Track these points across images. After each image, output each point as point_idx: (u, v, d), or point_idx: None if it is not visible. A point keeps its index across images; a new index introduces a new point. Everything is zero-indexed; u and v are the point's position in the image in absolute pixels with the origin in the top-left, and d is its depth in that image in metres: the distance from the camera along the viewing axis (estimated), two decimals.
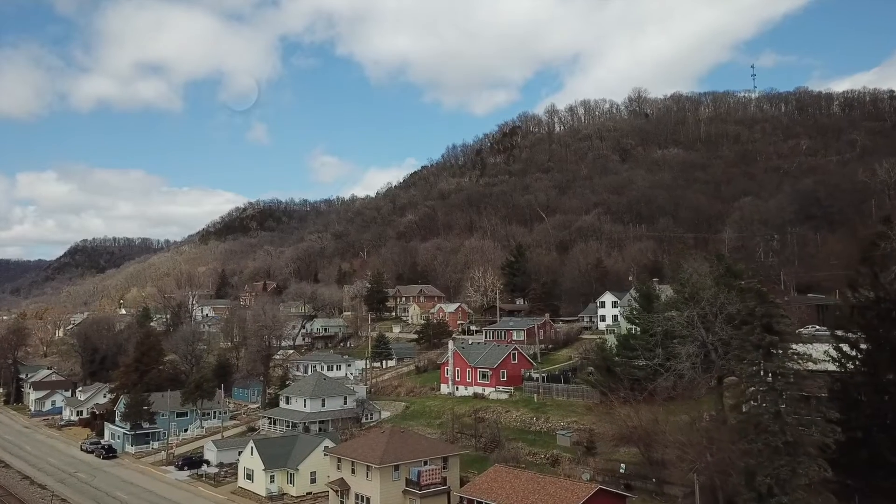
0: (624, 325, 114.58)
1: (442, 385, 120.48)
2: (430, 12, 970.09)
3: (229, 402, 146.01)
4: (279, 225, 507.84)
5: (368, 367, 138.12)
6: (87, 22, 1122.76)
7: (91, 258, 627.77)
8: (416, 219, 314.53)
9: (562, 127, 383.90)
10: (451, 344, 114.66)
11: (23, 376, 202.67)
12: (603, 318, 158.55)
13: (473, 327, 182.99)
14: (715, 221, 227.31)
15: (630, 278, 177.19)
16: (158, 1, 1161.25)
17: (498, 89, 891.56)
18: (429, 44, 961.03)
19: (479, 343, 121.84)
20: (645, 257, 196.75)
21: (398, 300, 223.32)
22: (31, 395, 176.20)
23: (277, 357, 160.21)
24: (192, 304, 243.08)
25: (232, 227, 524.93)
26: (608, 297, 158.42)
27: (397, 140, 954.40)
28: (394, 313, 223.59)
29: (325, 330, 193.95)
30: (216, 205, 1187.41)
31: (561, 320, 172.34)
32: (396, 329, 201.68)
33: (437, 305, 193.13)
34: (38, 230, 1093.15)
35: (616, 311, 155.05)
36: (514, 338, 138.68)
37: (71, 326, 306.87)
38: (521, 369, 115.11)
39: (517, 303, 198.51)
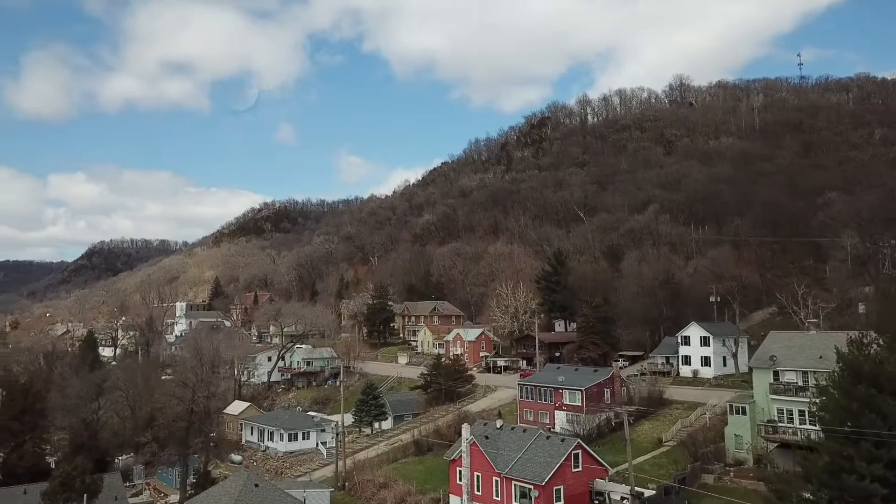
0: (766, 399, 61.49)
1: (452, 499, 67.80)
2: (457, 7, 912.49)
3: (145, 489, 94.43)
4: (294, 226, 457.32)
5: (341, 439, 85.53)
6: (114, 21, 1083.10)
7: (108, 260, 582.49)
8: (434, 219, 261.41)
9: (595, 118, 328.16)
10: (465, 433, 61.92)
11: None
12: (687, 361, 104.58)
13: (501, 362, 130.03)
14: (796, 222, 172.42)
15: (711, 299, 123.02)
16: None
17: (527, 86, 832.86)
18: (456, 40, 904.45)
19: (513, 429, 68.75)
20: (725, 269, 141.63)
21: (407, 320, 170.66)
22: None
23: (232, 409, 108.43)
24: (164, 321, 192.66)
25: (246, 228, 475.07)
26: (695, 331, 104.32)
27: (423, 139, 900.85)
28: (401, 336, 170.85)
29: (309, 363, 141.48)
30: (243, 205, 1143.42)
31: (621, 356, 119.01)
32: (402, 359, 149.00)
33: (454, 331, 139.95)
34: (70, 231, 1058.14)
35: (708, 352, 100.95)
36: (567, 401, 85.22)
37: (48, 340, 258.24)
38: (589, 481, 62.01)
39: (557, 327, 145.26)
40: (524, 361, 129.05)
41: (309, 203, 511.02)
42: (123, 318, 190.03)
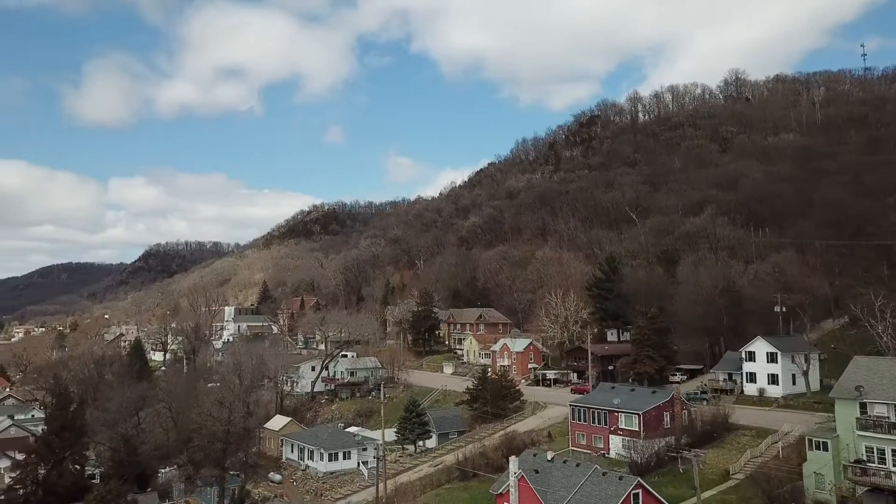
0: (851, 435, 54.32)
1: None
2: (506, 5, 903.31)
3: None
4: (343, 228, 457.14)
5: (382, 458, 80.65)
6: (171, 29, 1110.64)
7: (163, 262, 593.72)
8: (480, 221, 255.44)
9: (647, 115, 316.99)
10: (512, 466, 56.37)
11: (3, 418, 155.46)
12: (752, 378, 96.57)
13: (551, 374, 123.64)
14: (864, 224, 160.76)
15: (776, 309, 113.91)
16: (238, 5, 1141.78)
17: (576, 83, 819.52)
18: (505, 38, 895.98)
19: (565, 462, 62.65)
20: (789, 275, 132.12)
21: (452, 328, 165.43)
22: None
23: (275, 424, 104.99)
24: (211, 327, 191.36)
25: (295, 230, 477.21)
26: (760, 346, 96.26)
27: (471, 139, 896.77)
28: (447, 343, 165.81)
29: (353, 374, 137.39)
30: (293, 207, 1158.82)
31: (678, 370, 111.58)
32: (448, 369, 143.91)
33: (501, 341, 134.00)
34: (130, 233, 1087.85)
35: (776, 369, 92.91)
36: (623, 424, 78.59)
37: (103, 343, 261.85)
38: None
39: (610, 336, 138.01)
40: (575, 374, 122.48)
41: (357, 205, 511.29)
42: (173, 325, 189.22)
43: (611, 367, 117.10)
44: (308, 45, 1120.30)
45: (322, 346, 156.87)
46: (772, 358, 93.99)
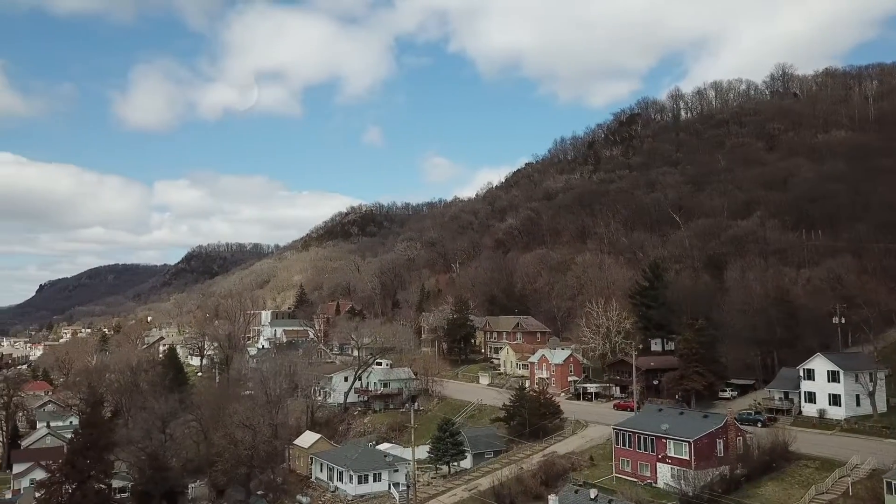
0: None
1: None
2: (546, 1, 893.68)
3: None
4: (380, 230, 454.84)
5: (412, 483, 75.76)
6: (214, 34, 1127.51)
7: (205, 264, 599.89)
8: (517, 223, 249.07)
9: (689, 113, 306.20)
10: None
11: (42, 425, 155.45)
12: (811, 398, 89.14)
13: (592, 388, 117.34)
14: None
15: (835, 320, 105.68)
16: (278, 9, 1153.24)
17: (616, 80, 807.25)
18: (544, 35, 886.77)
19: (610, 502, 56.89)
20: (847, 283, 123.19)
21: (489, 336, 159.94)
22: (14, 468, 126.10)
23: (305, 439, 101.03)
24: (245, 334, 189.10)
25: (333, 231, 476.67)
26: (820, 364, 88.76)
27: (509, 139, 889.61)
28: (483, 351, 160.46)
29: (386, 385, 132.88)
30: (333, 208, 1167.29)
31: (729, 385, 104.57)
32: (484, 380, 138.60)
33: (540, 352, 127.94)
34: (174, 235, 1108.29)
35: (838, 389, 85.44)
36: (671, 452, 72.23)
37: (143, 347, 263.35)
38: None
39: (654, 345, 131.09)
40: (618, 388, 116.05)
41: (394, 206, 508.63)
42: (207, 334, 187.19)
43: (656, 382, 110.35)
44: (347, 47, 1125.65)
45: (357, 353, 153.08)
46: (833, 377, 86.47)
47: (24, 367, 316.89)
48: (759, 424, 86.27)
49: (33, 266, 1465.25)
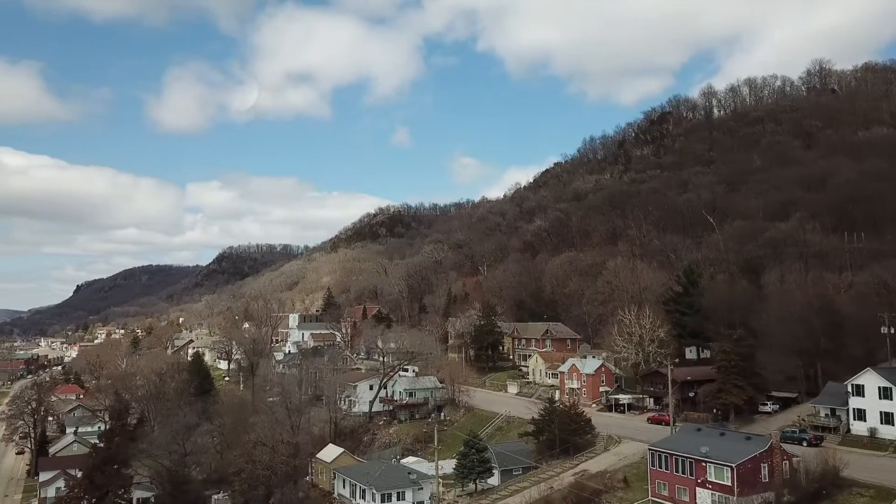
0: None
1: None
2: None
3: None
4: (408, 231, 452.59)
5: (437, 500, 72.11)
6: (245, 37, 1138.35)
7: (236, 265, 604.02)
8: (546, 225, 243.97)
9: (722, 110, 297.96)
10: None
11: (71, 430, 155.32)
12: (861, 416, 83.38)
13: (625, 398, 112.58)
14: None
15: (883, 329, 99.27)
16: (307, 11, 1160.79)
17: (647, 77, 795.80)
18: (573, 32, 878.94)
19: None
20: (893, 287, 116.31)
21: (517, 343, 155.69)
22: (40, 476, 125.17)
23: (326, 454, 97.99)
24: (272, 337, 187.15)
25: (362, 233, 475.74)
26: (871, 380, 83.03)
27: (538, 138, 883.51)
28: (511, 358, 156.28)
29: (411, 395, 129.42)
30: (362, 208, 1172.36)
31: (769, 399, 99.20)
32: (512, 388, 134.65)
33: (570, 361, 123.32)
34: (206, 236, 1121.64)
35: (891, 407, 79.73)
36: (712, 477, 67.48)
37: (172, 350, 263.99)
38: None
39: (688, 353, 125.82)
40: (651, 400, 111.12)
41: (422, 207, 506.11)
42: (234, 338, 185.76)
43: (692, 394, 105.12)
44: (375, 48, 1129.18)
45: (384, 358, 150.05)
46: (885, 394, 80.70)
47: (59, 368, 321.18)
48: (805, 443, 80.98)
49: (71, 266, 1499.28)
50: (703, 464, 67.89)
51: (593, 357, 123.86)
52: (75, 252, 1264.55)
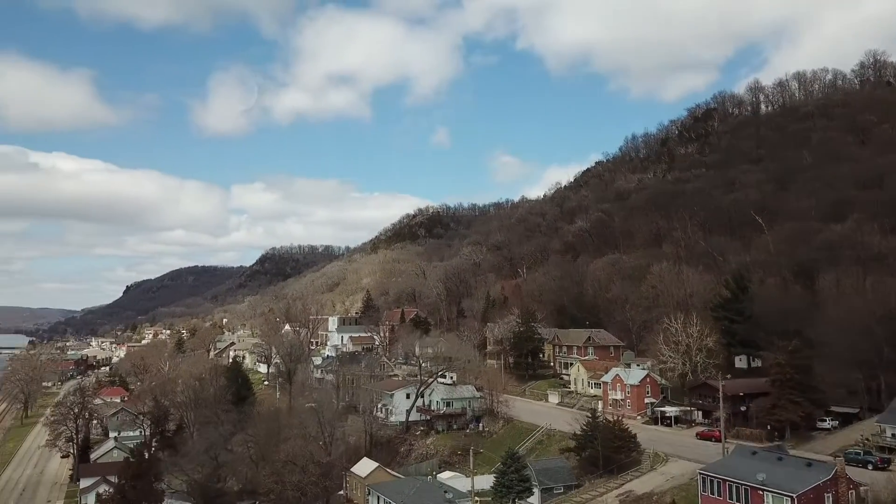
0: None
1: None
2: None
3: None
4: (446, 231, 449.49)
5: None
6: (285, 40, 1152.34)
7: (278, 266, 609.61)
8: (587, 226, 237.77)
9: (770, 106, 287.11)
10: None
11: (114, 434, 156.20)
12: None
13: (671, 411, 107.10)
14: None
15: None
16: (348, 13, 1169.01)
17: (690, 72, 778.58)
18: (615, 28, 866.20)
19: None
20: None
21: (557, 350, 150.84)
22: (81, 482, 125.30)
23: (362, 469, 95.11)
24: (313, 338, 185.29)
25: (401, 234, 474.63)
26: None
27: (579, 135, 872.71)
28: (552, 366, 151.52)
29: (449, 405, 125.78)
30: (402, 209, 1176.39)
31: (828, 415, 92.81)
32: (553, 398, 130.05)
33: (613, 371, 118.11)
34: (250, 237, 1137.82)
35: None
36: None
37: (214, 353, 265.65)
38: None
39: (738, 361, 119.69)
40: (700, 413, 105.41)
41: (461, 207, 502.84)
42: (273, 343, 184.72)
43: (743, 409, 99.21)
44: (415, 48, 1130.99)
45: (422, 364, 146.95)
46: None
47: (106, 368, 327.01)
48: (871, 466, 74.81)
49: (122, 267, 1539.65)
50: (761, 492, 62.60)
51: (638, 366, 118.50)
52: (126, 253, 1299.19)
